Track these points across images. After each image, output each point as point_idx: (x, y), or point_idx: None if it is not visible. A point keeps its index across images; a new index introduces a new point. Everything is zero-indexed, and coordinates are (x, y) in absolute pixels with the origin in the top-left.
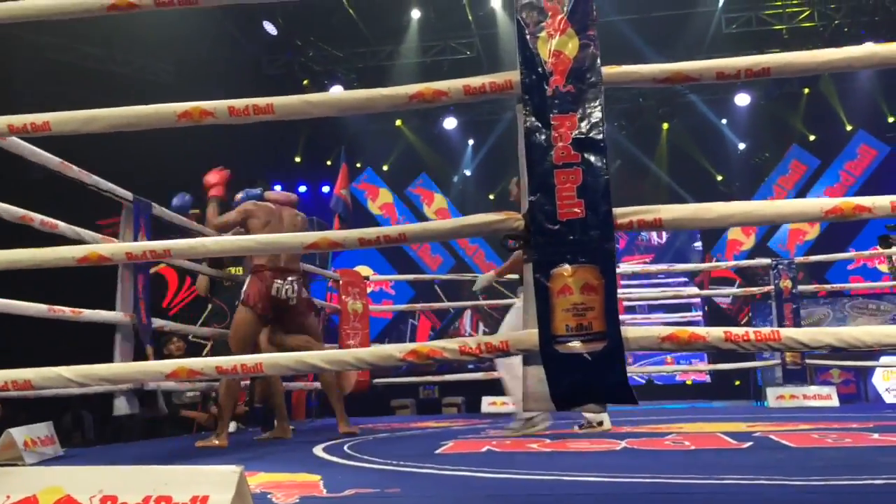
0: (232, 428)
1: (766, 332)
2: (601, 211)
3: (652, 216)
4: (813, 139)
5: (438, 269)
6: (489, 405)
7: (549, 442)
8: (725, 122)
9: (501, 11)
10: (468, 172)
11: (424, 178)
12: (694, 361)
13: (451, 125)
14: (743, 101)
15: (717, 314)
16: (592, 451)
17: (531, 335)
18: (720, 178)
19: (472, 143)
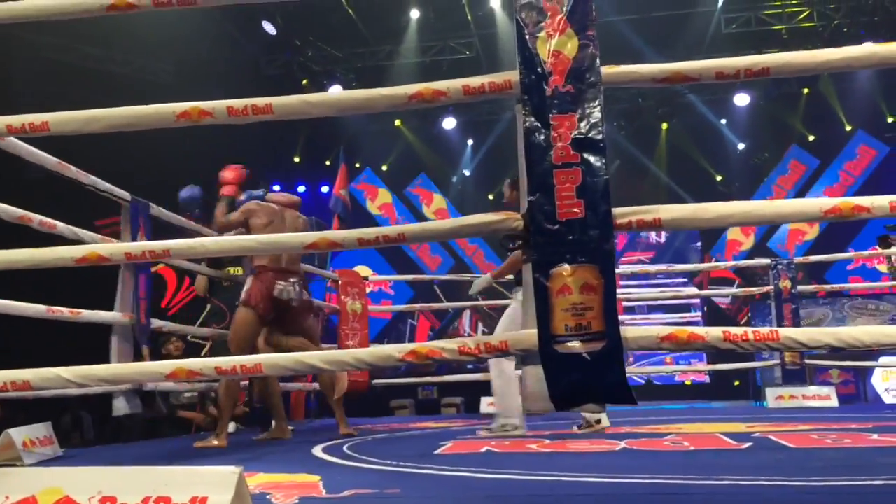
0: (231, 428)
1: (764, 331)
2: (600, 211)
3: (651, 216)
4: (812, 139)
5: (438, 269)
6: (488, 406)
7: (548, 442)
8: (725, 122)
9: (501, 11)
10: (467, 172)
11: (423, 178)
12: (693, 362)
13: (450, 125)
14: (742, 101)
15: (716, 314)
16: (592, 451)
17: (530, 335)
18: (719, 178)
19: (471, 143)
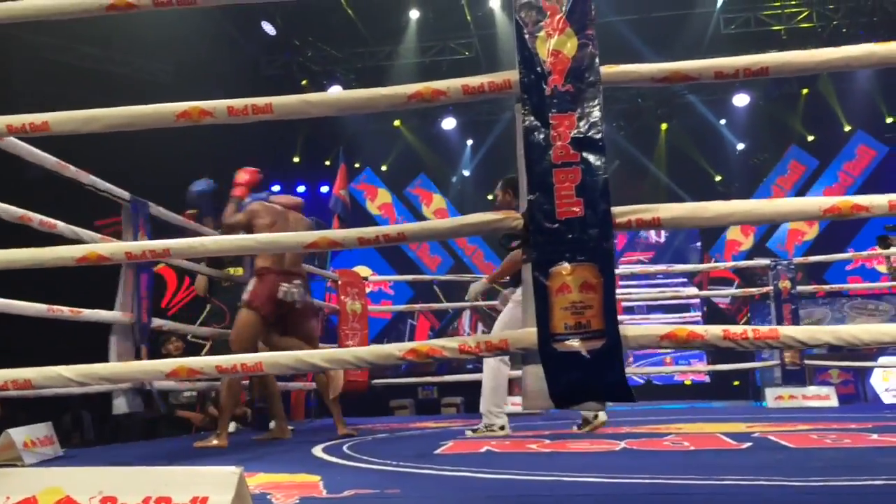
0: (231, 428)
1: (764, 330)
2: (600, 210)
3: (650, 215)
4: (812, 139)
5: (437, 269)
6: None
7: (548, 442)
8: (724, 122)
9: (500, 12)
10: (467, 173)
11: (423, 178)
12: (693, 362)
13: (449, 125)
14: (742, 101)
15: (715, 315)
16: (592, 451)
17: (530, 333)
18: (719, 178)
19: (470, 143)
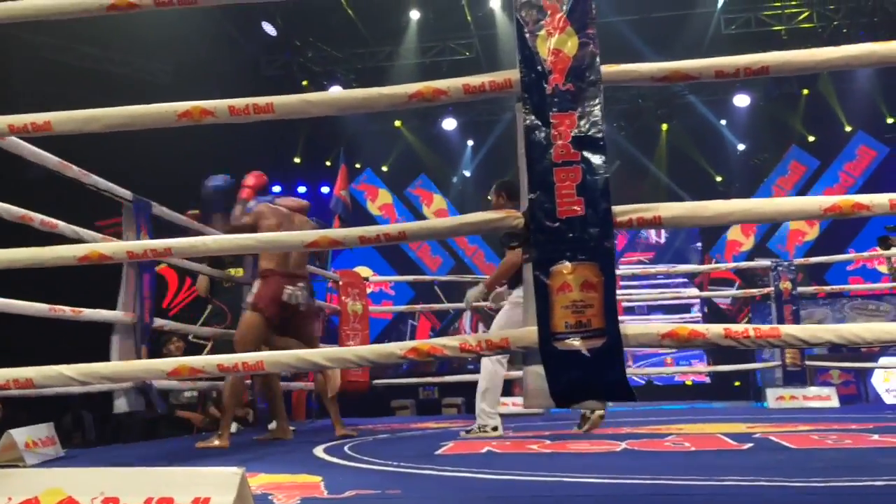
0: (232, 429)
1: (765, 329)
2: (601, 209)
3: (651, 214)
4: (812, 140)
5: (438, 270)
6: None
7: (549, 443)
8: (725, 122)
9: (500, 12)
10: (467, 173)
11: (424, 178)
12: (694, 362)
13: (450, 126)
14: (742, 101)
15: (716, 315)
16: (592, 452)
17: (531, 332)
18: (719, 178)
19: (471, 143)
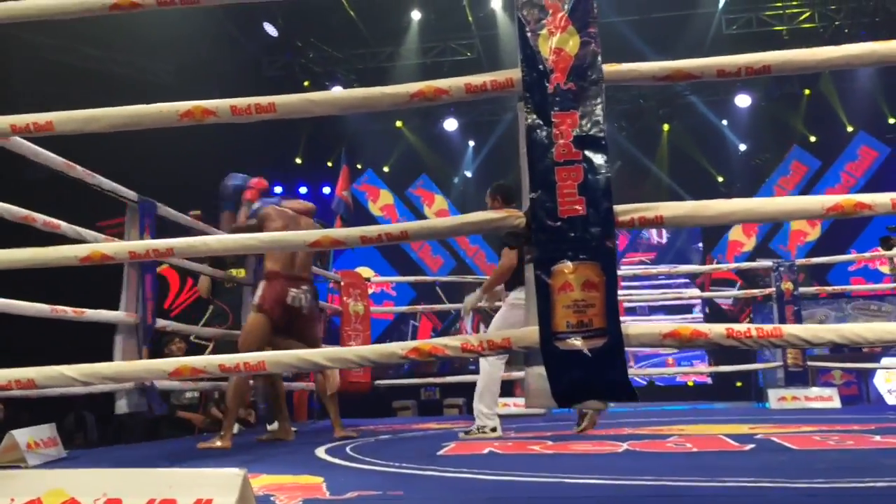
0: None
1: (768, 328)
2: (602, 208)
3: (653, 213)
4: (814, 140)
5: (439, 270)
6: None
7: (550, 444)
8: (726, 123)
9: (501, 12)
10: (469, 173)
11: (425, 179)
12: (695, 363)
13: (451, 126)
14: (743, 102)
15: (717, 316)
16: (594, 452)
17: (532, 332)
18: (721, 179)
19: (472, 144)
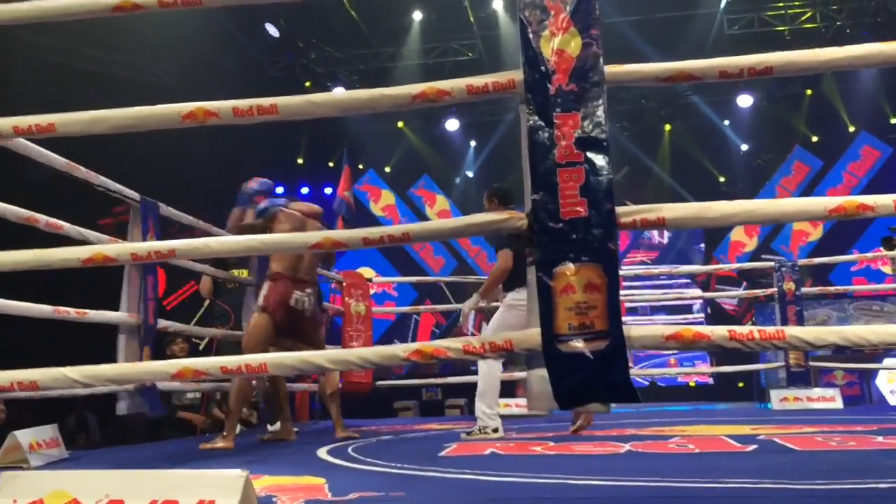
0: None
1: (770, 330)
2: (604, 210)
3: (655, 215)
4: (816, 140)
5: (441, 270)
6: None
7: (552, 445)
8: (728, 123)
9: (503, 13)
10: (470, 174)
11: (426, 179)
12: (697, 363)
13: (452, 127)
14: (745, 102)
15: (719, 316)
16: (596, 453)
17: (534, 334)
18: (723, 179)
19: (473, 144)
